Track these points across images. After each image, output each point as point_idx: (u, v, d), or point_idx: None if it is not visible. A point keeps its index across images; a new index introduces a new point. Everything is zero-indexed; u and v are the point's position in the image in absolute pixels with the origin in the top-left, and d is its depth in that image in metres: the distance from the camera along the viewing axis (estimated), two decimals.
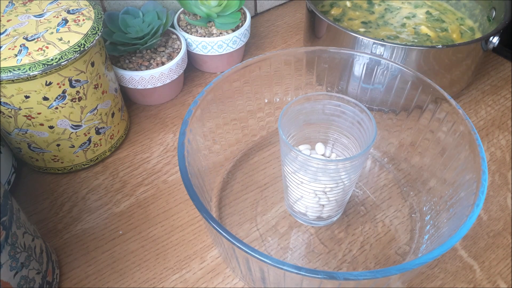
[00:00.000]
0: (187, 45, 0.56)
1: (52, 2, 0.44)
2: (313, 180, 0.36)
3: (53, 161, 0.46)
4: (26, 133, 0.43)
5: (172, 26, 0.58)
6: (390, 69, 0.43)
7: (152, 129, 0.53)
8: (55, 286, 0.38)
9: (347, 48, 0.45)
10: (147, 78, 0.51)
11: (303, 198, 0.39)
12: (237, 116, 0.47)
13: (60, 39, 0.40)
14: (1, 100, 0.39)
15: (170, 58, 0.53)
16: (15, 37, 0.40)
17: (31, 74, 0.37)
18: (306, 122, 0.41)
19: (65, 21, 0.42)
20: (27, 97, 0.39)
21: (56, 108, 0.41)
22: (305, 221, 0.43)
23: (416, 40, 0.56)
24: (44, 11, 0.43)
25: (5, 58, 0.38)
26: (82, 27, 0.41)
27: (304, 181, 0.37)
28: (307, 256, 0.41)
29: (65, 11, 0.43)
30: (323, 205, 0.39)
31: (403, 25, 0.59)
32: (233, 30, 0.57)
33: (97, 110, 0.45)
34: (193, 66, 0.61)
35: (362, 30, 0.57)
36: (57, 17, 0.42)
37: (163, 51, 0.54)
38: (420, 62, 0.48)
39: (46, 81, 0.39)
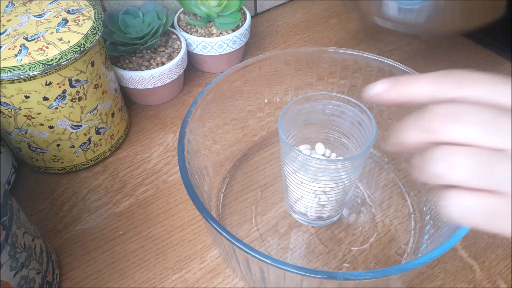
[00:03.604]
0: (187, 45, 0.56)
1: (52, 2, 0.44)
2: (313, 180, 0.36)
3: (53, 161, 0.46)
4: (26, 133, 0.43)
5: (172, 26, 0.58)
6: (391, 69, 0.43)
7: (152, 129, 0.53)
8: (55, 286, 0.38)
9: (347, 48, 0.45)
10: (147, 78, 0.51)
11: (303, 198, 0.39)
12: (237, 116, 0.47)
13: (60, 39, 0.40)
14: (1, 100, 0.39)
15: (170, 58, 0.53)
16: (15, 37, 0.40)
17: (31, 74, 0.37)
18: (306, 122, 0.41)
19: (65, 21, 0.42)
20: (27, 97, 0.39)
21: (56, 108, 0.41)
22: (305, 221, 0.43)
23: None
24: (44, 11, 0.43)
25: (5, 58, 0.38)
26: (82, 27, 0.41)
27: (304, 181, 0.37)
28: (307, 256, 0.41)
29: (65, 11, 0.43)
30: (323, 205, 0.39)
31: None
32: (233, 30, 0.57)
33: (97, 110, 0.45)
34: (193, 66, 0.61)
35: None
36: (57, 17, 0.42)
37: (163, 51, 0.54)
38: None
39: (46, 81, 0.39)
